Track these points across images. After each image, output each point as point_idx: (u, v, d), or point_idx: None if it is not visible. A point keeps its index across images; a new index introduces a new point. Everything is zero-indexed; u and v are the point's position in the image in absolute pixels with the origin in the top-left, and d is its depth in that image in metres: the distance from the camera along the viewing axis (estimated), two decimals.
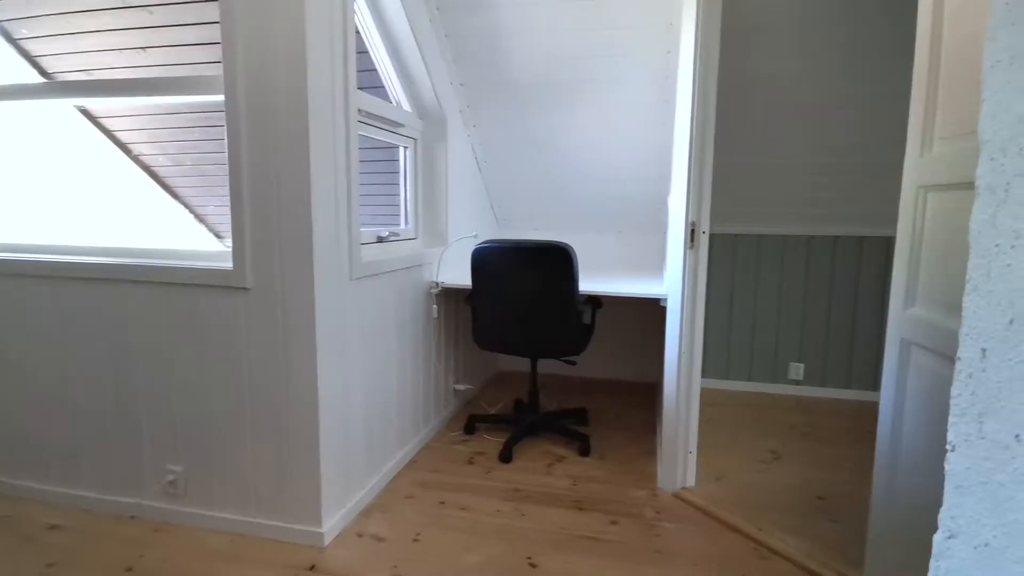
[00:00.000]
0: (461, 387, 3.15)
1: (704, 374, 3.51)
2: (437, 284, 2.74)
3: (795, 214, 3.25)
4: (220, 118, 1.80)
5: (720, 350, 3.52)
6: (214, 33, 1.79)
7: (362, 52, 2.49)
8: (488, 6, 2.52)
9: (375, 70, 2.65)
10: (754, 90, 2.76)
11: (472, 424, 2.85)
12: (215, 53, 1.80)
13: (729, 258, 3.44)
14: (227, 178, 1.81)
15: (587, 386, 3.64)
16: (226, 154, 1.80)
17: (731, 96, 2.70)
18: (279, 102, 1.73)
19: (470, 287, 2.59)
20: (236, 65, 1.75)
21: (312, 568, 1.76)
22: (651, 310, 3.64)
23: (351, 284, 2.01)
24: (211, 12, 2.62)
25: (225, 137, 1.79)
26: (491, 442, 2.73)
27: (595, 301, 2.70)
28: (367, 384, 2.16)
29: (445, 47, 2.74)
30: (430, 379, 2.77)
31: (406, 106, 2.74)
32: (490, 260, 2.48)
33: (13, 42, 3.11)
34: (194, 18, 2.78)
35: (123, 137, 3.81)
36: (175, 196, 4.07)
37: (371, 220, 3.18)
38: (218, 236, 4.09)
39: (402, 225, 2.83)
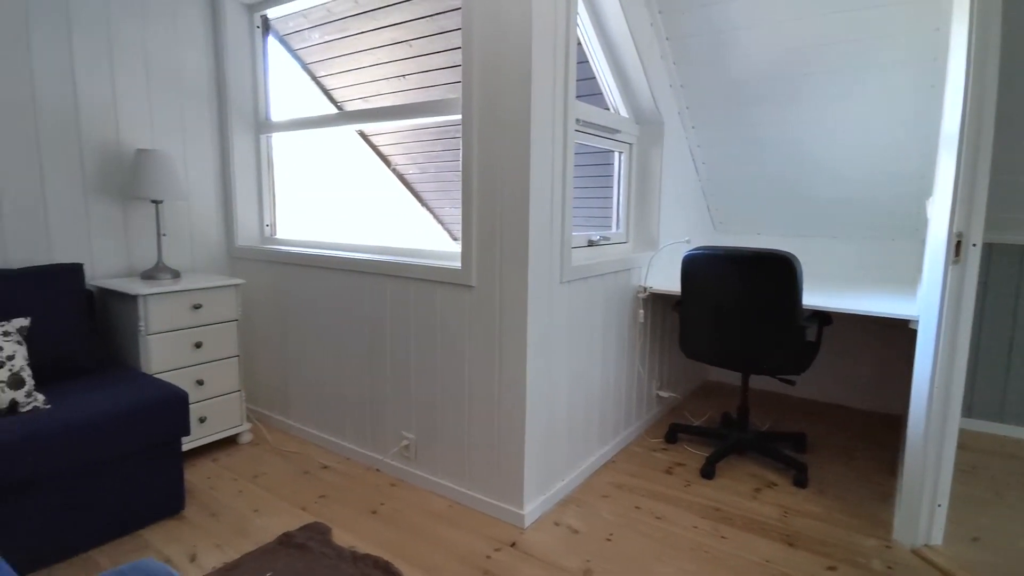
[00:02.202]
0: (664, 394, 3.10)
1: (968, 413, 2.90)
2: (645, 289, 2.74)
3: None
4: (459, 131, 2.06)
5: (993, 387, 2.85)
6: (457, 57, 2.05)
7: (582, 62, 2.60)
8: (713, 3, 2.42)
9: (594, 78, 2.74)
10: None
11: (674, 433, 2.79)
12: (457, 74, 2.06)
13: (1014, 275, 2.76)
14: (460, 185, 2.07)
15: (807, 409, 3.27)
16: (460, 164, 2.06)
17: None
18: (506, 119, 1.92)
19: (679, 293, 2.53)
20: (472, 88, 1.98)
21: (513, 545, 1.93)
22: (897, 331, 3.12)
23: (561, 286, 2.13)
24: (456, 39, 2.99)
25: (460, 149, 2.05)
26: (693, 454, 2.64)
27: (823, 317, 2.42)
28: (571, 381, 2.27)
29: (666, 49, 2.70)
30: (633, 383, 2.78)
31: (623, 112, 2.78)
32: (701, 267, 2.39)
33: (316, 80, 3.94)
34: (442, 46, 3.20)
35: (385, 151, 4.55)
36: (421, 201, 4.72)
37: (583, 224, 3.30)
38: (454, 238, 4.65)
39: (613, 229, 2.88)
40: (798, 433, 2.70)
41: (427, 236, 4.79)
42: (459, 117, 2.07)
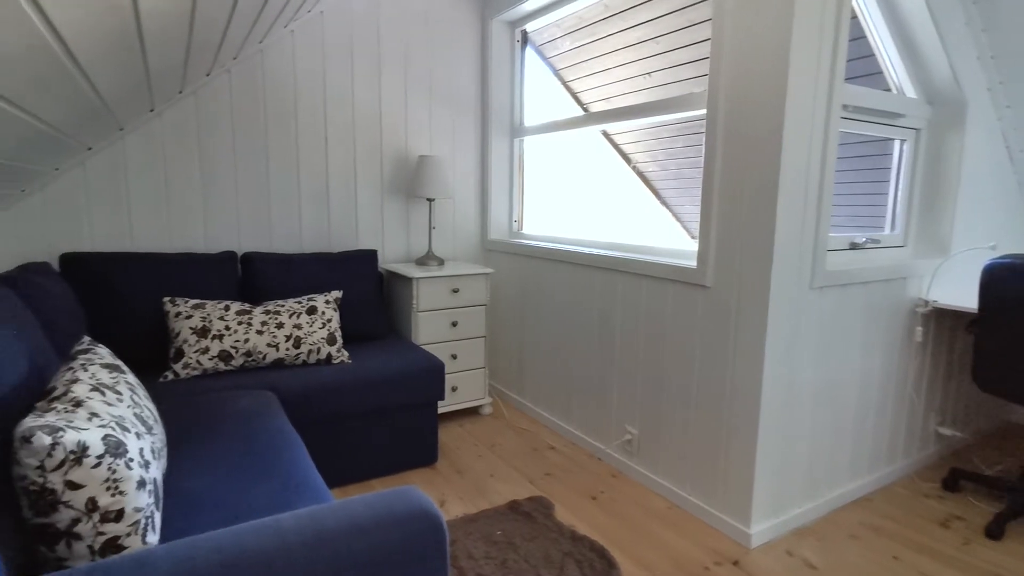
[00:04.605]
0: (946, 431, 2.55)
1: None
2: (926, 302, 2.29)
3: None
4: (701, 126, 2.00)
5: None
6: (705, 50, 1.99)
7: (857, 38, 2.28)
8: None
9: (872, 55, 2.38)
10: None
11: (955, 479, 2.28)
12: (704, 67, 1.99)
13: None
14: (701, 182, 2.00)
15: None
16: (702, 160, 1.99)
17: None
18: (755, 111, 1.80)
19: (975, 311, 2.06)
20: (719, 80, 1.90)
21: (736, 563, 1.82)
22: None
23: (810, 292, 1.92)
24: (705, 31, 2.88)
25: (703, 145, 1.99)
26: (978, 508, 2.14)
27: None
28: (817, 400, 2.03)
29: (973, 15, 2.20)
30: (901, 412, 2.36)
31: (910, 92, 2.36)
32: (1011, 280, 1.91)
33: (565, 84, 4.18)
34: (690, 40, 3.11)
35: (626, 149, 4.61)
36: (660, 198, 4.67)
37: (846, 224, 2.89)
38: (692, 236, 4.50)
39: (886, 230, 2.47)
40: None
41: (665, 234, 4.72)
42: (703, 112, 2.00)
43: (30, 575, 0.89)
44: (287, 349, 2.18)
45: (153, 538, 1.00)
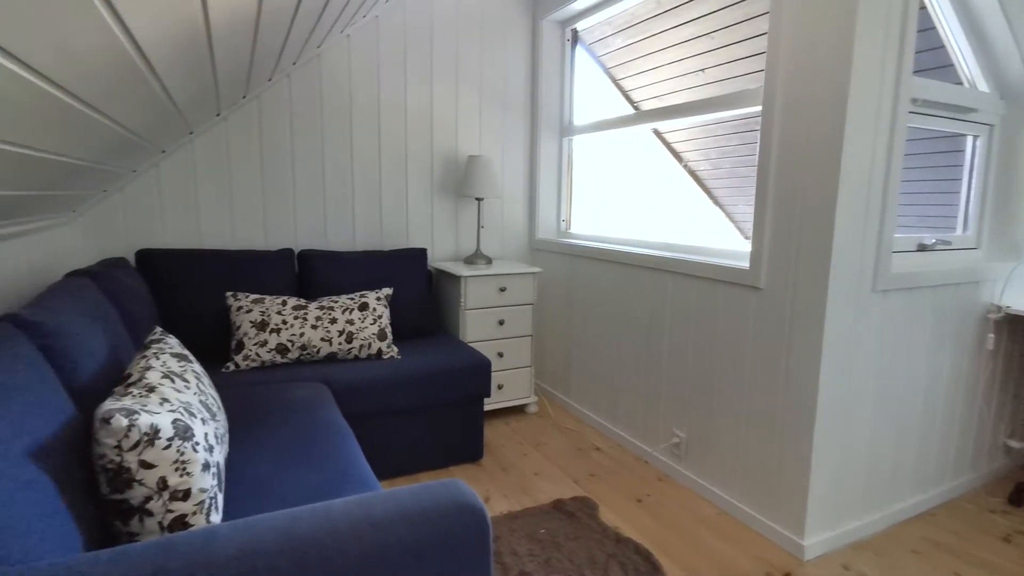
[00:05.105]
0: (1016, 444, 2.39)
1: None
2: (999, 308, 2.15)
3: None
4: (756, 124, 1.94)
5: None
6: (760, 45, 1.93)
7: (926, 29, 2.16)
8: None
9: (942, 47, 2.25)
10: None
11: (1020, 494, 2.14)
12: (759, 63, 1.94)
13: None
14: (755, 181, 1.95)
15: None
16: (757, 158, 1.94)
17: None
18: (814, 106, 1.73)
19: None
20: (776, 75, 1.84)
21: None
22: None
23: (873, 296, 1.84)
24: (761, 25, 2.80)
25: (758, 143, 1.93)
26: None
27: None
28: (878, 408, 1.94)
29: None
30: (970, 425, 2.23)
31: (982, 86, 2.22)
32: None
33: (615, 82, 4.14)
34: (746, 34, 3.02)
35: (678, 147, 4.52)
36: (713, 198, 4.57)
37: (914, 224, 2.75)
38: (745, 236, 4.38)
39: (958, 231, 2.34)
40: None
41: (718, 234, 4.61)
42: (758, 109, 1.95)
43: (105, 548, 0.96)
44: (340, 344, 2.26)
45: (216, 517, 1.07)
